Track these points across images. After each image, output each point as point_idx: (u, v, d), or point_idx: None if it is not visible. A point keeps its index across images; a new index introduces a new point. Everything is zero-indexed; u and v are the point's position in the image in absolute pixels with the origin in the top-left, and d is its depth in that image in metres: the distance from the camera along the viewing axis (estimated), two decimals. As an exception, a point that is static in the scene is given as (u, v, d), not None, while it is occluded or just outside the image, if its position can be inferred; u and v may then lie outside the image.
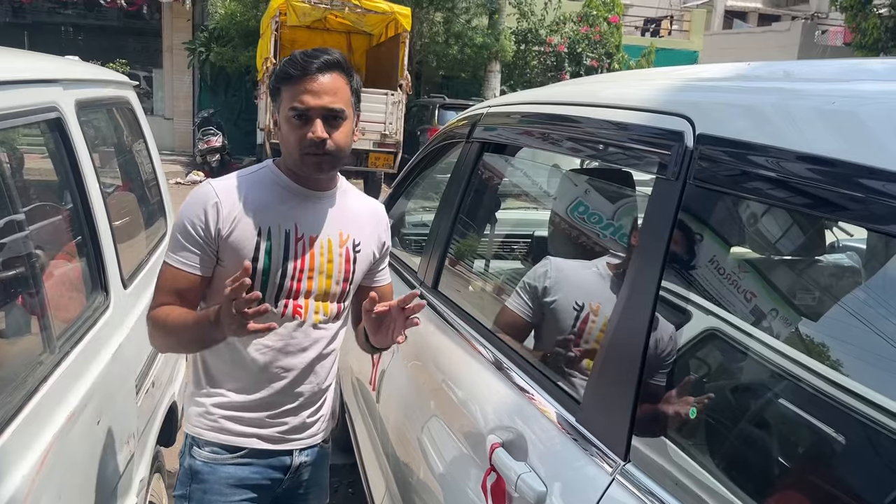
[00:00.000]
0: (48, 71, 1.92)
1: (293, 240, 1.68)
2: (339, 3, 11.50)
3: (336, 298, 1.76)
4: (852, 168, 0.94)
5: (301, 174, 1.69)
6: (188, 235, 1.65)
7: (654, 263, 1.18)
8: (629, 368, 1.17)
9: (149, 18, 17.69)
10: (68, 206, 1.98)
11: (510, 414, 1.52)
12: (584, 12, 18.78)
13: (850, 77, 1.21)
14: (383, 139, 11.43)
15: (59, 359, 1.66)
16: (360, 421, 2.89)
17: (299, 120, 1.61)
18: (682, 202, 1.19)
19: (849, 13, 20.35)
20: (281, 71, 1.65)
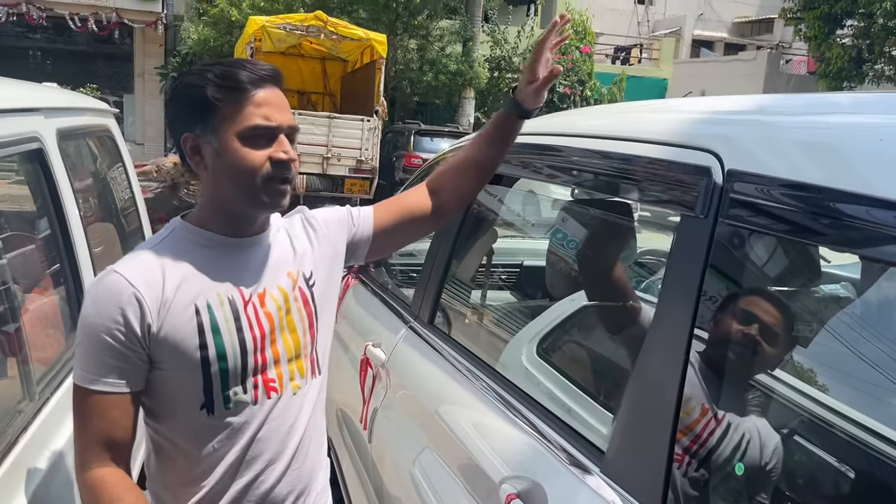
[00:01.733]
0: (29, 99, 1.84)
1: (241, 306, 1.36)
2: (314, 30, 11.48)
3: (309, 351, 1.46)
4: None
5: (244, 214, 1.37)
6: (106, 347, 1.26)
7: (687, 306, 1.12)
8: (663, 416, 1.10)
9: (120, 43, 17.56)
10: (48, 240, 1.88)
11: (524, 462, 1.44)
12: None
13: (882, 110, 1.17)
14: (359, 165, 11.38)
15: (39, 405, 1.55)
16: (348, 459, 2.79)
17: (263, 139, 1.31)
18: (713, 241, 1.13)
19: (812, 43, 20.87)
20: (224, 79, 1.30)
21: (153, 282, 1.29)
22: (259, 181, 1.31)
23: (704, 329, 1.15)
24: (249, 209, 1.36)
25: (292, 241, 1.49)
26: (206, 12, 15.17)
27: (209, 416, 1.33)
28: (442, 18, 16.23)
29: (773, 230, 1.09)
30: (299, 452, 1.44)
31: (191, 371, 1.31)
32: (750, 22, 33.88)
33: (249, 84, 1.30)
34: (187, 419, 1.34)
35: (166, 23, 16.73)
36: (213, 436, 1.34)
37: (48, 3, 15.68)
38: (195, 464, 1.35)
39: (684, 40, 32.27)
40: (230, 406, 1.34)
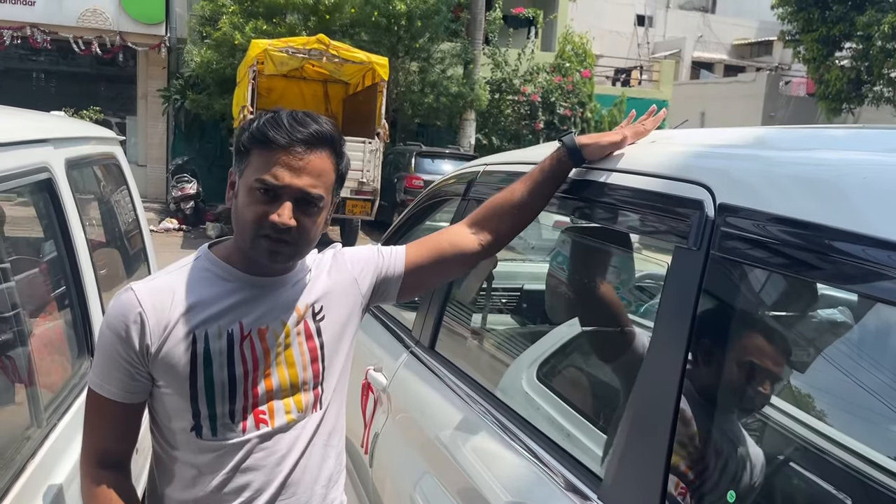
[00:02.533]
0: (39, 131, 1.88)
1: (237, 341, 1.38)
2: (316, 53, 11.60)
3: (310, 385, 1.46)
4: (882, 244, 0.93)
5: (250, 257, 1.39)
6: (112, 359, 1.34)
7: (680, 336, 1.15)
8: (658, 444, 1.13)
9: (123, 65, 17.68)
10: (56, 266, 1.92)
11: (523, 489, 1.46)
12: (556, 63, 19.18)
13: (871, 147, 1.21)
14: (360, 187, 11.45)
15: (47, 431, 1.58)
16: (349, 484, 2.81)
17: (265, 194, 1.31)
18: (705, 272, 1.16)
19: (811, 65, 21.04)
20: (258, 131, 1.33)
21: (161, 305, 1.34)
22: (251, 233, 1.33)
23: (698, 358, 1.17)
24: (247, 252, 1.37)
25: (313, 279, 1.49)
26: (209, 35, 15.30)
27: (197, 438, 1.38)
28: (443, 41, 16.38)
29: (763, 263, 1.13)
30: (290, 485, 1.44)
31: (181, 396, 1.36)
32: (749, 44, 34.15)
33: (275, 142, 1.30)
34: (180, 435, 1.40)
35: (169, 46, 16.85)
36: (202, 456, 1.39)
37: (52, 26, 15.82)
38: (183, 477, 1.41)
39: (684, 62, 32.52)
40: (217, 433, 1.38)
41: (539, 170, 1.62)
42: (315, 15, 14.49)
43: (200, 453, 1.39)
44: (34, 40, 15.86)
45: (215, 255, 1.43)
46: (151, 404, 1.41)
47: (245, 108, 11.24)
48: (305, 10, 14.54)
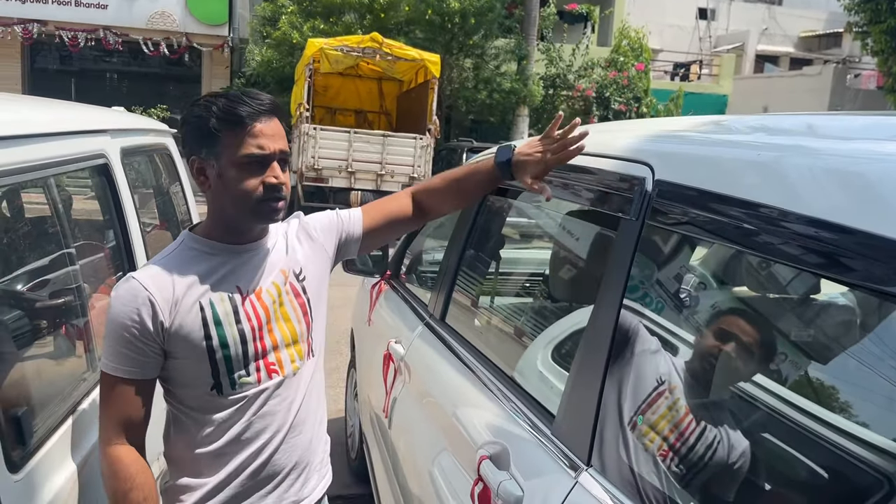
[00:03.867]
0: (97, 122, 2.17)
1: (239, 301, 1.57)
2: (370, 51, 11.94)
3: (304, 336, 1.68)
4: (774, 210, 1.11)
5: (242, 227, 1.59)
6: (125, 341, 1.49)
7: (615, 297, 1.35)
8: (593, 385, 1.33)
9: (189, 65, 18.41)
10: (111, 244, 2.21)
11: (499, 430, 1.68)
12: (612, 58, 19.12)
13: (779, 131, 1.38)
14: (412, 182, 11.73)
15: (98, 377, 1.87)
16: (376, 449, 3.05)
17: (258, 166, 1.51)
18: (640, 239, 1.36)
19: (880, 57, 20.40)
20: (225, 112, 1.50)
21: (164, 286, 1.51)
22: (253, 202, 1.52)
23: (626, 313, 1.37)
24: (247, 223, 1.58)
25: (287, 243, 1.71)
26: (270, 35, 15.82)
27: (218, 396, 1.57)
28: (497, 38, 16.51)
29: (687, 230, 1.31)
30: (296, 425, 1.66)
31: (199, 359, 1.54)
32: (817, 36, 33.18)
33: (248, 118, 1.49)
34: (199, 398, 1.58)
35: (232, 46, 17.48)
36: (222, 411, 1.57)
37: (123, 28, 16.60)
38: (206, 433, 1.58)
39: (747, 55, 31.83)
40: (236, 387, 1.57)
41: (475, 172, 1.88)
42: (370, 13, 14.83)
43: (222, 409, 1.57)
44: (106, 42, 16.68)
45: (196, 234, 1.61)
46: (166, 377, 1.57)
47: (301, 106, 11.65)
48: (361, 9, 14.89)
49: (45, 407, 1.59)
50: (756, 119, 1.58)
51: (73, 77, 18.59)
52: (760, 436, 1.31)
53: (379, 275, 3.45)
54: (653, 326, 1.38)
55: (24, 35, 16.35)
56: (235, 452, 1.59)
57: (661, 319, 1.40)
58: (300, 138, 11.63)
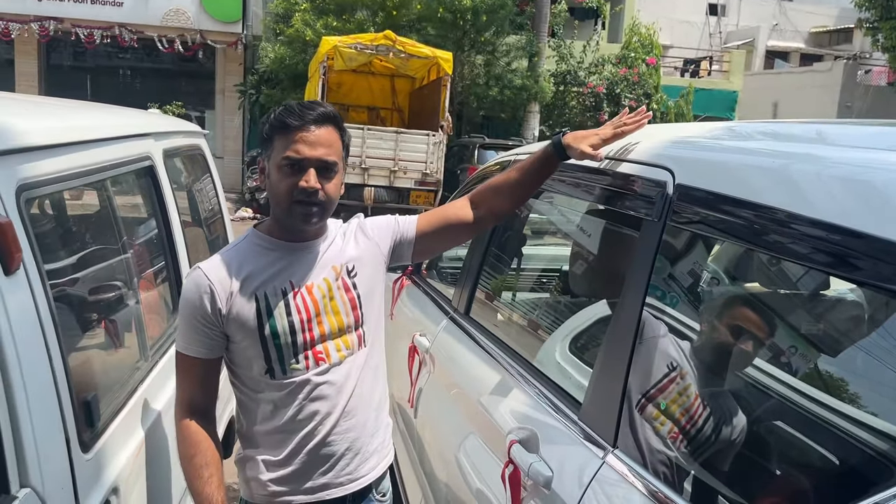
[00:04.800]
0: (143, 126, 2.29)
1: (291, 296, 1.71)
2: (383, 49, 12.05)
3: (353, 328, 1.79)
4: (786, 214, 1.22)
5: (288, 226, 1.72)
6: (192, 324, 1.68)
7: (639, 293, 1.47)
8: (619, 374, 1.45)
9: (203, 62, 18.56)
10: (156, 241, 2.33)
11: (527, 417, 1.80)
12: (622, 54, 19.16)
13: (793, 138, 1.49)
14: (424, 178, 11.84)
15: (151, 366, 2.00)
16: (400, 440, 3.17)
17: (292, 169, 1.63)
18: (661, 239, 1.47)
19: (891, 53, 20.35)
20: (276, 120, 1.66)
21: (224, 277, 1.68)
22: (286, 203, 1.66)
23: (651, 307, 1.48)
24: (287, 222, 1.70)
25: (343, 241, 1.83)
26: (283, 32, 15.94)
27: (272, 380, 1.72)
28: (508, 34, 16.57)
29: (708, 231, 1.42)
30: (349, 409, 1.78)
31: (254, 346, 1.69)
32: (828, 32, 33.05)
33: (292, 124, 1.63)
34: (256, 380, 1.73)
35: (245, 43, 17.62)
36: (276, 393, 1.72)
37: (138, 26, 16.76)
38: (264, 413, 1.74)
39: (758, 51, 31.75)
40: (287, 373, 1.71)
41: (531, 160, 1.90)
42: (383, 10, 14.92)
43: (276, 391, 1.72)
44: (122, 39, 16.84)
45: (260, 231, 1.77)
46: (230, 359, 1.74)
47: (315, 103, 11.76)
48: (374, 6, 14.98)
49: (108, 392, 1.72)
50: (769, 126, 1.69)
51: (89, 74, 18.80)
52: (773, 421, 1.43)
53: (400, 270, 3.57)
54: (671, 319, 1.49)
55: (41, 32, 16.53)
56: (291, 431, 1.73)
57: (678, 312, 1.51)
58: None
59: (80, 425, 1.47)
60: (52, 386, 1.36)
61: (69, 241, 1.83)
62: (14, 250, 1.27)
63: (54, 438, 1.36)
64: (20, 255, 1.30)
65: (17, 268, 1.29)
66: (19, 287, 1.31)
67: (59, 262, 1.66)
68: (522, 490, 1.64)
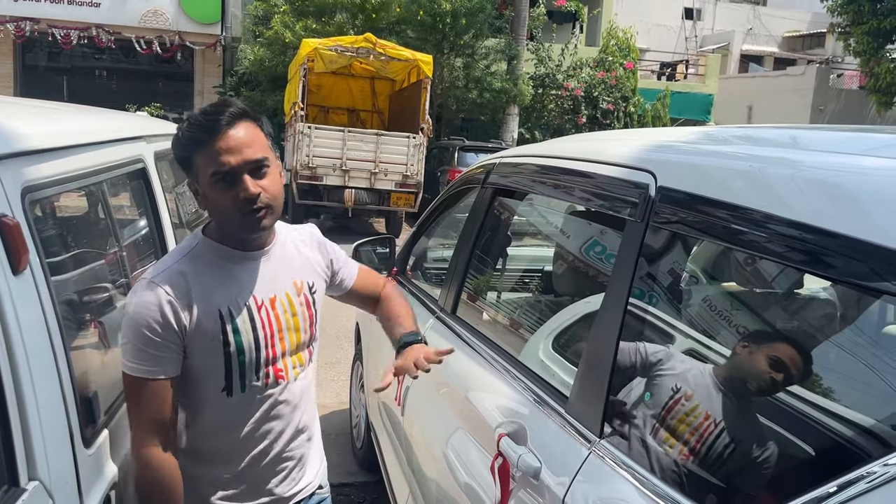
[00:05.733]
0: (136, 129, 2.32)
1: (255, 310, 1.64)
2: (364, 51, 12.09)
3: (307, 344, 1.78)
4: (761, 215, 1.29)
5: (243, 237, 1.63)
6: (147, 340, 1.54)
7: (623, 290, 1.53)
8: (604, 369, 1.51)
9: (181, 63, 18.49)
10: (149, 241, 2.37)
11: (514, 411, 1.86)
12: (600, 58, 19.37)
13: (768, 143, 1.57)
14: (405, 180, 11.89)
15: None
16: (386, 437, 3.22)
17: (225, 182, 1.51)
18: (644, 240, 1.54)
19: (862, 58, 20.75)
20: (185, 139, 1.53)
21: (183, 289, 1.57)
22: (236, 217, 1.55)
23: (634, 304, 1.55)
24: (242, 234, 1.62)
25: (299, 252, 1.79)
26: (262, 34, 15.93)
27: (228, 398, 1.66)
28: (487, 37, 16.71)
29: (689, 231, 1.50)
30: (302, 425, 1.79)
31: (215, 363, 1.62)
32: (801, 36, 33.59)
33: (206, 137, 1.50)
34: (210, 398, 1.66)
35: (224, 44, 17.60)
36: (231, 412, 1.67)
37: (116, 27, 16.67)
38: (213, 429, 1.68)
39: (732, 55, 32.19)
40: (245, 389, 1.66)
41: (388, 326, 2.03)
42: (362, 13, 14.98)
43: (230, 409, 1.66)
44: (99, 40, 16.74)
45: (210, 238, 1.65)
46: (183, 376, 1.62)
47: (296, 105, 11.78)
48: (353, 9, 15.03)
49: (107, 390, 1.75)
50: (746, 130, 1.77)
51: (66, 75, 18.65)
52: (757, 411, 1.50)
53: (386, 272, 3.62)
54: (653, 316, 1.56)
55: (17, 33, 16.39)
56: (244, 448, 1.70)
57: (659, 310, 1.58)
58: (294, 136, 11.77)
59: (82, 421, 1.50)
60: (58, 383, 1.40)
61: (68, 242, 1.86)
62: (22, 251, 1.31)
63: (60, 434, 1.40)
64: (27, 256, 1.33)
65: (24, 268, 1.33)
66: (27, 287, 1.34)
67: (60, 262, 1.69)
68: (511, 481, 1.70)
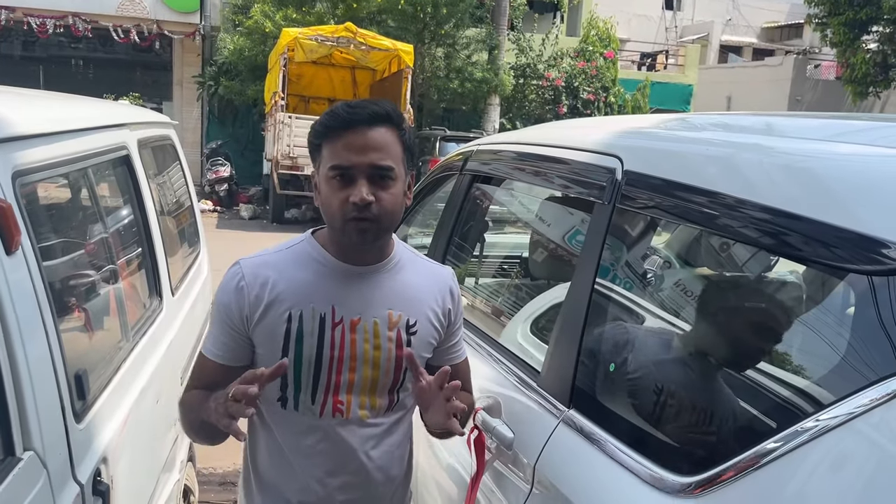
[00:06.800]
0: (119, 117, 2.37)
1: (329, 325, 1.47)
2: (344, 41, 12.10)
3: (387, 390, 1.53)
4: (724, 197, 1.37)
5: (345, 245, 1.47)
6: (220, 323, 1.50)
7: (591, 269, 1.62)
8: (573, 343, 1.60)
9: (159, 53, 18.33)
10: (133, 228, 2.42)
11: (491, 388, 1.94)
12: (580, 48, 19.45)
13: (730, 129, 1.65)
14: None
15: (132, 346, 2.09)
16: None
17: (341, 180, 1.39)
18: (611, 221, 1.62)
19: (839, 48, 21.00)
20: (320, 125, 1.43)
21: (263, 280, 1.46)
22: (339, 222, 1.41)
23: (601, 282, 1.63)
24: (345, 242, 1.46)
25: (414, 285, 1.55)
26: (242, 24, 15.84)
27: (283, 409, 1.52)
28: (468, 27, 16.72)
29: (653, 212, 1.58)
30: (359, 477, 1.55)
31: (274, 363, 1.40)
32: (779, 27, 33.89)
33: (337, 128, 1.40)
34: (269, 404, 1.53)
35: (203, 34, 17.44)
36: (285, 426, 1.53)
37: (93, 15, 16.47)
38: (270, 441, 1.56)
39: (712, 46, 32.41)
40: (298, 409, 1.51)
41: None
42: (343, 3, 14.94)
43: (283, 424, 1.53)
44: (76, 29, 16.53)
45: (316, 240, 1.53)
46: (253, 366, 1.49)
47: (276, 94, 11.79)
48: (334, -1, 15.01)
49: (95, 369, 1.81)
50: (712, 117, 1.85)
51: (41, 64, 18.43)
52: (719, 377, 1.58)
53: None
54: (618, 293, 1.64)
55: (-8, 21, 16.17)
56: (292, 473, 1.55)
57: (624, 287, 1.67)
58: (275, 126, 11.77)
59: (73, 396, 1.56)
60: (49, 359, 1.46)
61: (56, 226, 1.91)
62: (15, 232, 1.37)
63: (52, 407, 1.46)
64: (20, 237, 1.39)
65: (16, 249, 1.38)
66: (19, 266, 1.40)
67: (48, 245, 1.74)
68: (487, 452, 1.78)
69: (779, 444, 1.02)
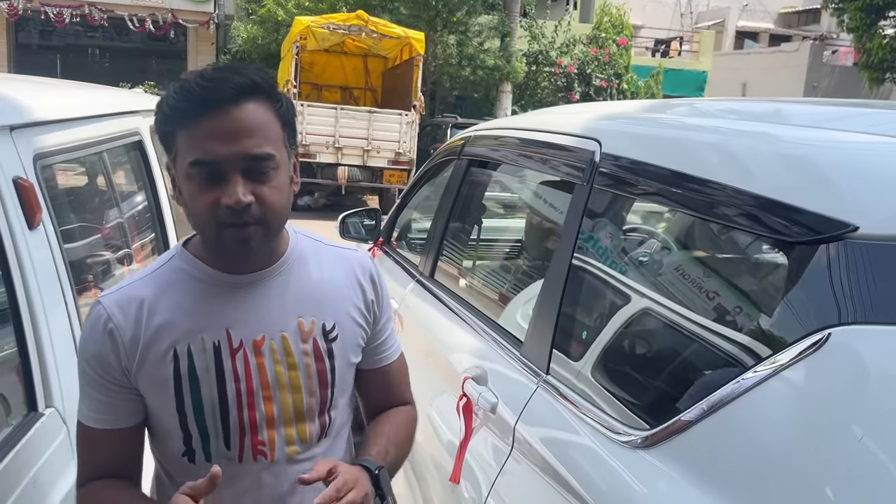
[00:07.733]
0: (132, 104, 2.50)
1: (227, 354, 1.20)
2: (356, 29, 12.19)
3: (316, 413, 1.27)
4: (684, 177, 1.47)
5: (221, 255, 1.19)
6: (94, 381, 1.19)
7: (569, 246, 1.73)
8: (552, 313, 1.71)
9: (174, 42, 18.54)
10: (147, 210, 2.56)
11: (479, 358, 2.06)
12: (593, 34, 19.44)
13: (705, 114, 1.76)
14: (397, 157, 12.05)
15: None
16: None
17: (208, 179, 1.09)
18: (588, 201, 1.73)
19: (856, 34, 20.84)
20: (168, 107, 1.10)
21: (135, 316, 1.18)
22: (212, 229, 1.12)
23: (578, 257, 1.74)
24: (221, 253, 1.18)
25: (324, 281, 1.29)
26: (255, 12, 15.99)
27: (190, 464, 1.24)
28: (480, 14, 16.76)
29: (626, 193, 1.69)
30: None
31: (169, 418, 1.21)
32: (796, 12, 33.59)
33: (194, 108, 1.07)
34: (173, 459, 1.26)
35: (217, 22, 17.65)
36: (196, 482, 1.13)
37: (109, 4, 16.70)
38: None
39: (728, 32, 32.20)
40: (212, 459, 1.22)
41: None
42: (355, -9, 15.05)
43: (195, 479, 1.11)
44: (92, 18, 16.78)
45: (189, 252, 1.23)
46: (148, 423, 1.26)
47: (289, 83, 11.91)
48: (346, -14, 15.10)
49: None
50: (687, 102, 1.95)
51: (59, 53, 18.70)
52: (680, 339, 1.69)
53: (372, 241, 3.81)
54: (595, 268, 1.75)
55: (10, 11, 16.42)
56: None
57: (601, 262, 1.77)
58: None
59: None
60: (68, 323, 1.60)
61: (73, 206, 2.05)
62: (36, 209, 1.50)
63: (71, 367, 1.59)
64: (41, 214, 1.52)
65: (38, 224, 1.52)
66: (40, 240, 1.53)
67: (66, 223, 1.88)
68: (475, 417, 1.90)
69: (723, 396, 1.13)
